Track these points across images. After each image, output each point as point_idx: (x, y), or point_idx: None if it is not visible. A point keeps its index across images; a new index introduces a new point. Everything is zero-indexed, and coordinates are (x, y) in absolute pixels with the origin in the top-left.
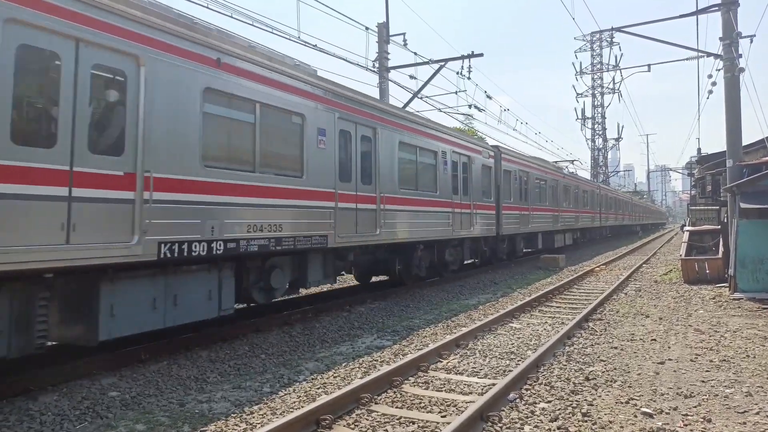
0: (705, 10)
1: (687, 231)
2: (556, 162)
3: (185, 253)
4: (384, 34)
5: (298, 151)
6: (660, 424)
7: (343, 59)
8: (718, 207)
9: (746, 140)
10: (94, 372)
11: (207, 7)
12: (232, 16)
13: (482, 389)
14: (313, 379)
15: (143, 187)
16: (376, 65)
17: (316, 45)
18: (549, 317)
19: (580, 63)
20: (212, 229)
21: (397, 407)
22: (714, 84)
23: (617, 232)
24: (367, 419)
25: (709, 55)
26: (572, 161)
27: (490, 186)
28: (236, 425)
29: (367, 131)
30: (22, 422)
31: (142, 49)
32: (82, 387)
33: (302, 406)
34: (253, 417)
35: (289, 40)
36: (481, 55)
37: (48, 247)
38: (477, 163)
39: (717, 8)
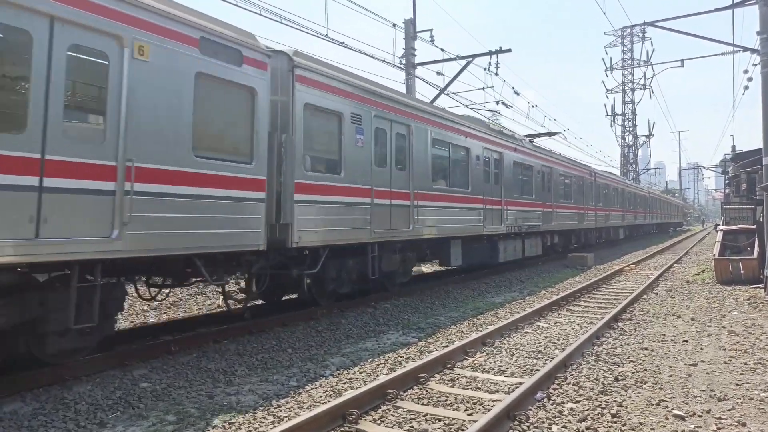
0: (741, 4)
1: (721, 230)
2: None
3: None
4: (411, 30)
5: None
6: (692, 427)
7: (370, 56)
8: (753, 206)
9: None
10: (125, 363)
11: (236, 5)
12: (260, 14)
13: (509, 388)
14: (339, 374)
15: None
16: (403, 62)
17: (343, 42)
18: (577, 316)
19: (610, 58)
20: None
21: (423, 404)
22: (750, 80)
23: (658, 228)
24: (393, 415)
25: (745, 49)
26: (552, 134)
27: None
28: (264, 418)
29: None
30: (58, 410)
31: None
32: (115, 377)
33: (329, 401)
34: (281, 410)
35: (317, 37)
36: (509, 50)
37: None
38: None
39: (754, 1)
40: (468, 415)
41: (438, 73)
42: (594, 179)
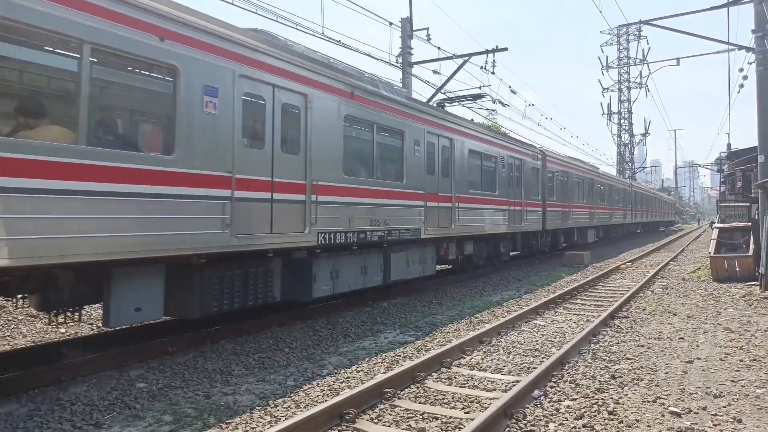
0: (736, 2)
1: (716, 228)
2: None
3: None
4: (407, 29)
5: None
6: (688, 423)
7: (367, 54)
8: (748, 203)
9: None
10: (122, 363)
11: (232, 4)
12: (256, 12)
13: (506, 386)
14: (336, 373)
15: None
16: (400, 60)
17: (340, 41)
18: (574, 314)
19: (606, 57)
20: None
21: (420, 403)
22: (745, 78)
23: (644, 229)
24: (390, 414)
25: (740, 48)
26: (476, 97)
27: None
28: (261, 418)
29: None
30: (53, 411)
31: None
32: (111, 378)
33: (326, 400)
34: (278, 410)
35: (314, 36)
36: (505, 49)
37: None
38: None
39: (749, 0)
40: (465, 413)
41: (435, 71)
42: (543, 163)
